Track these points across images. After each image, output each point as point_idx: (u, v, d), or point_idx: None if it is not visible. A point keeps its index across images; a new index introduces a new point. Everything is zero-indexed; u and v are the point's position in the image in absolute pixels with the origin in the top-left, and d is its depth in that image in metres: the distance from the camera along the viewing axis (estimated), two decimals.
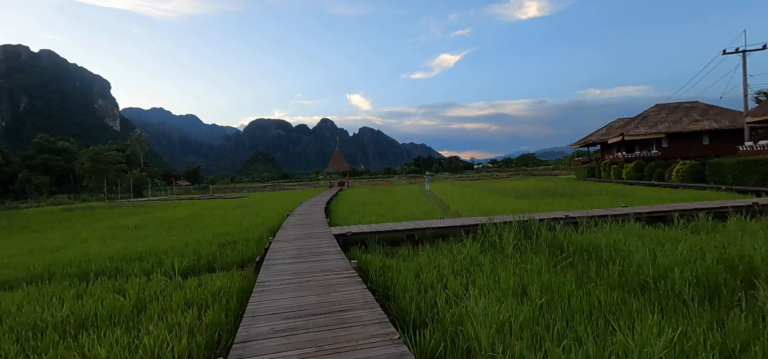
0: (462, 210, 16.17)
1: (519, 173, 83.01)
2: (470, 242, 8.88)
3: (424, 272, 6.90)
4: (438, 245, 9.35)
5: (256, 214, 18.67)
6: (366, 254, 8.80)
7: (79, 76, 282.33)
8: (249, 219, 16.28)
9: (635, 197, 17.96)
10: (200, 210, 23.81)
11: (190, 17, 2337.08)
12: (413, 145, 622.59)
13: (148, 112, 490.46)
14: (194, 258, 8.99)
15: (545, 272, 6.33)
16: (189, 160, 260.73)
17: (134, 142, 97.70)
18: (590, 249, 7.17)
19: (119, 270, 8.27)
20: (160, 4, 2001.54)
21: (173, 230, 14.56)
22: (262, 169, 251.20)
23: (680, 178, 24.45)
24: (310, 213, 15.81)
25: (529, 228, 9.37)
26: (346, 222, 14.09)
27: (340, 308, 4.28)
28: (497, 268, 6.75)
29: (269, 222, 14.84)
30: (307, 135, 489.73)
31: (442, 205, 20.42)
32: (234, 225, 14.80)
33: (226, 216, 18.72)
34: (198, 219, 18.24)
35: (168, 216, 21.32)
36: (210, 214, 20.50)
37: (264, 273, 6.16)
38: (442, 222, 10.75)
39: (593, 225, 9.78)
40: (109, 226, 17.31)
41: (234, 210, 22.83)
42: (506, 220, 10.03)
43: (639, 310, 4.45)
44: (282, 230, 11.22)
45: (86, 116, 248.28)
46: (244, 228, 13.52)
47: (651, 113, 34.37)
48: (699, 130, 31.62)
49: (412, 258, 8.34)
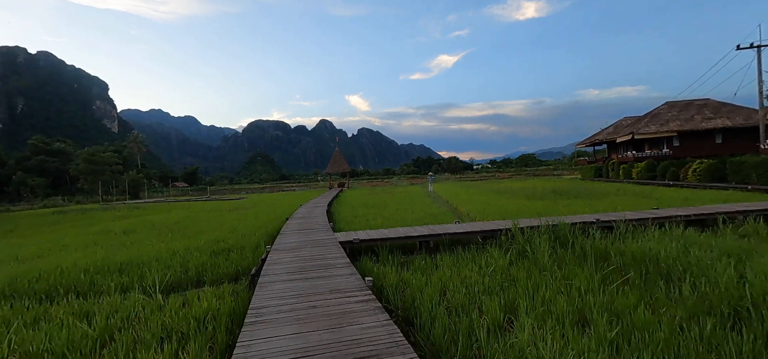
0: (473, 213, 15.09)
1: (520, 174, 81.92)
2: (496, 251, 7.82)
3: (449, 289, 5.83)
4: (457, 253, 8.28)
5: (253, 218, 17.57)
6: (377, 264, 7.73)
7: (76, 78, 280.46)
8: (245, 224, 15.18)
9: (657, 199, 16.89)
10: (195, 213, 22.69)
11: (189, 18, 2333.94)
12: (412, 145, 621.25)
13: (146, 114, 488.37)
14: (181, 271, 7.90)
15: (598, 290, 5.25)
16: (187, 162, 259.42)
17: (131, 144, 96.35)
18: (645, 260, 6.09)
19: (93, 286, 7.16)
20: (159, 6, 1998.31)
21: (163, 235, 13.46)
22: (260, 170, 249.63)
23: (697, 177, 23.40)
24: (312, 217, 14.72)
25: (562, 235, 8.30)
26: (350, 225, 13.00)
27: (363, 355, 3.18)
28: (538, 284, 5.67)
29: (267, 226, 13.75)
30: (306, 136, 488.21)
31: (450, 207, 19.34)
32: (229, 230, 13.71)
33: (221, 220, 17.62)
34: (191, 223, 17.13)
35: (161, 219, 20.20)
36: (204, 218, 19.39)
37: (260, 294, 5.06)
38: (459, 227, 9.66)
39: (631, 230, 8.70)
40: (96, 231, 16.19)
41: (230, 213, 21.72)
42: (533, 225, 8.96)
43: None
44: (281, 236, 10.13)
45: (84, 118, 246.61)
46: (240, 234, 12.43)
47: (661, 111, 33.33)
48: (712, 128, 30.59)
49: (431, 269, 7.26)
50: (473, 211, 15.59)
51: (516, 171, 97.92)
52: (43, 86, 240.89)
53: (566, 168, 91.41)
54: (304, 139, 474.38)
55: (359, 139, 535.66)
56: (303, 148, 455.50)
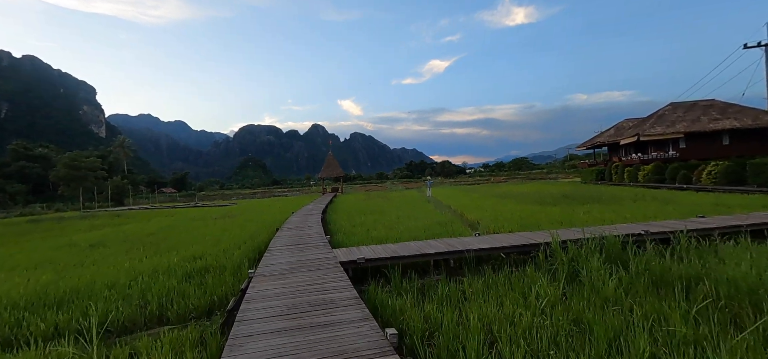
0: (484, 221, 13.58)
1: (514, 177, 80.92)
2: (537, 273, 6.28)
3: (498, 335, 4.25)
4: (485, 275, 6.73)
5: (240, 227, 15.85)
6: (388, 292, 6.13)
7: (63, 82, 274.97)
8: (230, 235, 13.48)
9: (682, 203, 15.55)
10: (177, 222, 20.88)
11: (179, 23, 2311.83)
12: (404, 149, 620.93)
13: (135, 118, 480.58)
14: (139, 303, 6.22)
15: (717, 343, 3.73)
16: (177, 167, 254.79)
17: (117, 148, 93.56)
18: (759, 291, 4.57)
19: (17, 328, 5.46)
20: (148, 10, 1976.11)
21: (134, 250, 11.70)
22: (252, 175, 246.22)
23: (712, 180, 22.20)
24: (305, 227, 13.07)
25: (614, 251, 6.79)
26: (350, 238, 11.39)
27: None
28: (620, 331, 4.12)
29: (255, 238, 12.08)
30: (298, 141, 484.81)
31: (455, 214, 17.80)
32: (210, 243, 12.00)
33: (204, 230, 15.86)
34: (170, 234, 15.36)
35: (138, 230, 18.37)
36: (186, 227, 17.61)
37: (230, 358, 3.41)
38: (484, 241, 8.10)
39: (694, 244, 7.22)
40: (59, 245, 14.32)
41: (216, 221, 19.95)
42: (575, 237, 7.45)
43: None
44: (269, 254, 8.48)
45: (71, 123, 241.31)
46: (222, 248, 10.74)
47: (666, 112, 32.30)
48: (720, 129, 29.58)
49: (458, 299, 5.70)
50: (484, 219, 14.08)
51: (510, 175, 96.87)
52: (28, 91, 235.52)
53: (559, 171, 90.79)
54: (296, 144, 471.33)
55: (352, 143, 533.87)
56: (295, 153, 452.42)
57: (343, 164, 58.14)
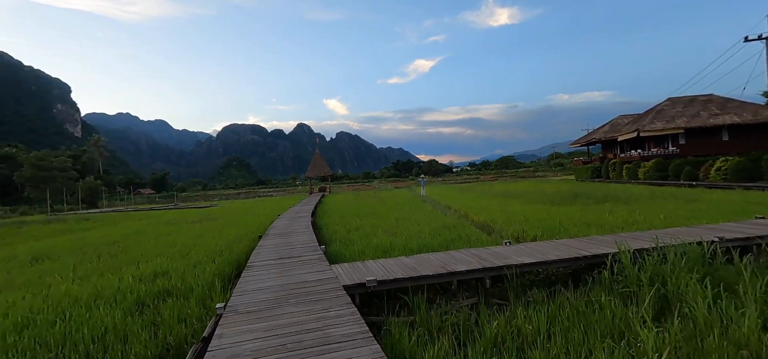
0: (498, 225, 11.98)
1: (503, 176, 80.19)
2: (613, 298, 4.64)
3: None
4: (537, 299, 5.08)
5: (217, 234, 13.88)
6: (412, 327, 4.41)
7: (35, 79, 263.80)
8: (205, 243, 11.52)
9: (708, 201, 14.26)
10: (148, 227, 18.71)
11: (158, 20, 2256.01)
12: (391, 149, 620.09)
13: (113, 117, 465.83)
14: (56, 357, 4.33)
15: None
16: (158, 167, 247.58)
17: (92, 148, 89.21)
18: None
19: None
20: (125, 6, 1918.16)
21: (84, 265, 9.67)
22: (236, 175, 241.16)
23: (723, 176, 21.18)
24: (293, 233, 11.23)
25: (706, 266, 5.21)
26: (347, 246, 9.61)
27: None
28: None
29: (233, 248, 10.18)
30: (284, 140, 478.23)
31: (460, 216, 16.18)
32: (180, 254, 10.05)
33: (176, 237, 13.83)
34: (135, 243, 13.29)
35: (100, 236, 16.17)
36: (156, 234, 15.50)
37: None
38: (524, 253, 6.38)
39: None
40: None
41: (192, 226, 17.88)
42: (641, 247, 5.85)
43: None
44: (248, 272, 6.63)
45: (43, 122, 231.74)
46: (193, 260, 8.82)
47: (665, 107, 31.44)
48: (720, 124, 28.80)
49: (517, 345, 4.02)
50: (496, 222, 12.48)
51: (497, 173, 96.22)
52: None
53: (546, 170, 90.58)
54: (281, 143, 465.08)
55: (338, 143, 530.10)
56: (280, 153, 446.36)
57: (330, 164, 56.14)
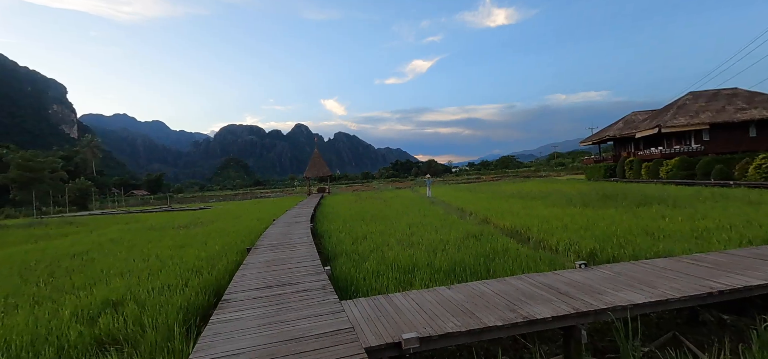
0: (533, 232, 10.06)
1: (505, 176, 78.22)
2: None
3: None
4: None
5: (202, 242, 11.90)
6: None
7: (30, 80, 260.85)
8: (182, 257, 9.55)
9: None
10: (127, 234, 16.69)
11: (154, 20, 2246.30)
12: (389, 149, 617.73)
13: (110, 118, 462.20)
14: None
15: None
16: (155, 168, 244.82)
17: (85, 148, 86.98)
18: None
19: None
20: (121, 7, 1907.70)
21: (24, 288, 7.69)
22: (234, 176, 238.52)
23: (764, 175, 19.27)
24: (290, 244, 9.26)
25: None
26: (356, 263, 7.65)
27: None
28: None
29: (215, 264, 8.23)
30: (281, 141, 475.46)
31: (479, 220, 14.24)
32: (149, 272, 8.07)
33: (153, 247, 11.84)
34: (106, 254, 11.30)
35: (70, 245, 14.15)
36: (131, 243, 13.50)
37: None
38: (622, 285, 4.42)
39: None
40: None
41: (177, 232, 15.90)
42: None
43: None
44: (222, 312, 4.66)
45: (39, 123, 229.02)
46: (159, 283, 6.85)
47: (687, 102, 29.57)
48: (748, 119, 26.95)
49: None
50: (528, 228, 10.54)
51: (497, 173, 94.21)
52: None
53: (547, 169, 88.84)
54: (279, 144, 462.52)
55: (336, 143, 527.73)
56: (278, 153, 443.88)
57: (328, 164, 54.07)
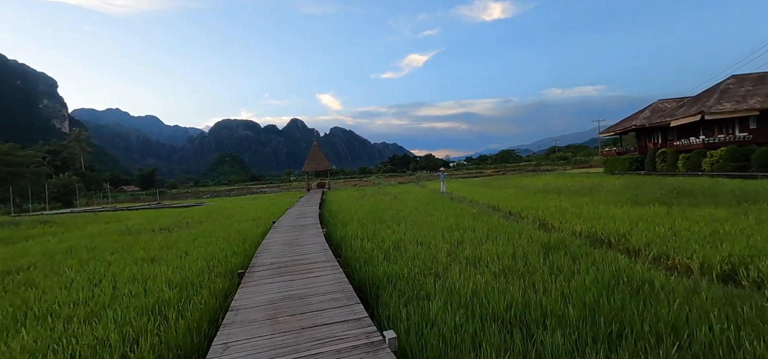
0: (623, 239, 7.23)
1: (507, 170, 75.30)
2: None
3: None
4: None
5: (180, 254, 8.97)
6: None
7: (19, 74, 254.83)
8: (152, 279, 6.62)
9: None
10: (96, 239, 13.69)
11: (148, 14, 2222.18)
12: (385, 144, 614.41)
13: (102, 113, 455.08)
14: None
15: None
16: (149, 164, 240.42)
17: (73, 142, 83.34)
18: None
19: None
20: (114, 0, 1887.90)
21: None
22: (229, 171, 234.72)
23: None
24: (300, 262, 6.35)
25: None
26: (417, 301, 4.79)
27: None
28: None
29: (191, 297, 5.33)
30: (277, 135, 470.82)
31: (530, 219, 11.37)
32: (93, 309, 5.14)
33: (115, 262, 8.89)
34: (46, 273, 8.35)
35: (18, 254, 11.14)
36: (92, 253, 10.52)
37: None
38: None
39: None
40: None
41: (155, 236, 12.94)
42: None
43: None
44: None
45: (29, 117, 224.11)
46: (93, 338, 3.94)
47: (731, 86, 26.83)
48: None
49: None
50: (622, 236, 7.71)
51: (498, 168, 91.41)
52: None
53: (547, 164, 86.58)
54: (275, 139, 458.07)
55: (332, 138, 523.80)
56: (274, 148, 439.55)
57: None
